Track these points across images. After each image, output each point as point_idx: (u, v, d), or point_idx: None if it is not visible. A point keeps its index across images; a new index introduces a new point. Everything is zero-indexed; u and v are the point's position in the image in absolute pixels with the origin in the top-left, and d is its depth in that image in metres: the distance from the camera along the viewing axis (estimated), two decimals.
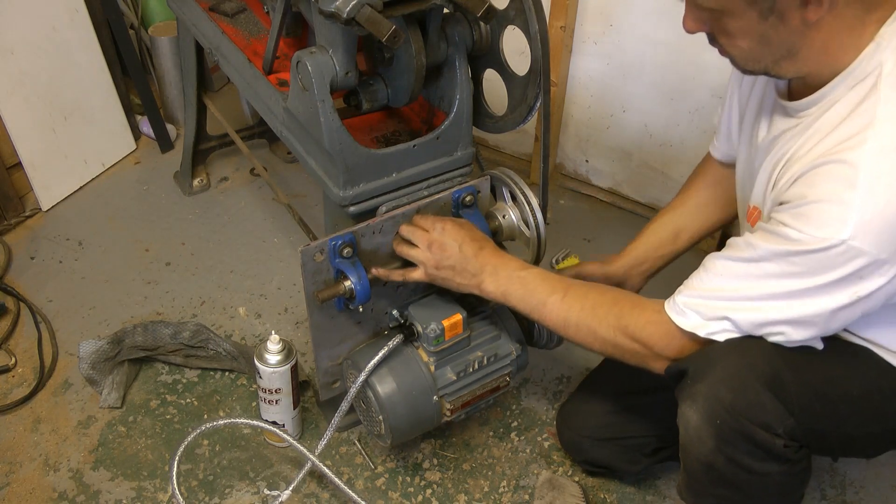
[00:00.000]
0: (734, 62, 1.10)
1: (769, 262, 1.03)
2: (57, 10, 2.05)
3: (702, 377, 1.10)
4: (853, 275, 0.98)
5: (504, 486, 1.56)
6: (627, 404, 1.45)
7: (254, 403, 1.67)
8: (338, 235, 1.30)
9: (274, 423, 1.55)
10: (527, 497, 1.54)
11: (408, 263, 1.35)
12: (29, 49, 2.01)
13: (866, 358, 1.14)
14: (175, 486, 1.39)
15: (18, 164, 2.07)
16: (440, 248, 1.30)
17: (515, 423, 1.67)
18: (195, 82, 1.99)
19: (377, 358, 1.36)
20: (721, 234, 2.02)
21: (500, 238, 1.46)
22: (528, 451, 1.62)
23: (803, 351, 1.08)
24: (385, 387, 1.37)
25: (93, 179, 2.24)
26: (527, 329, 1.53)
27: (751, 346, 1.08)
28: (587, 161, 2.24)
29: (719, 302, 1.09)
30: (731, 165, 1.41)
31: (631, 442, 1.46)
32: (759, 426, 1.07)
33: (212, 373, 1.74)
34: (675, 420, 1.21)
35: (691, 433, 1.11)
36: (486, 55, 1.40)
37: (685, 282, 1.15)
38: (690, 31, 1.08)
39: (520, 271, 1.28)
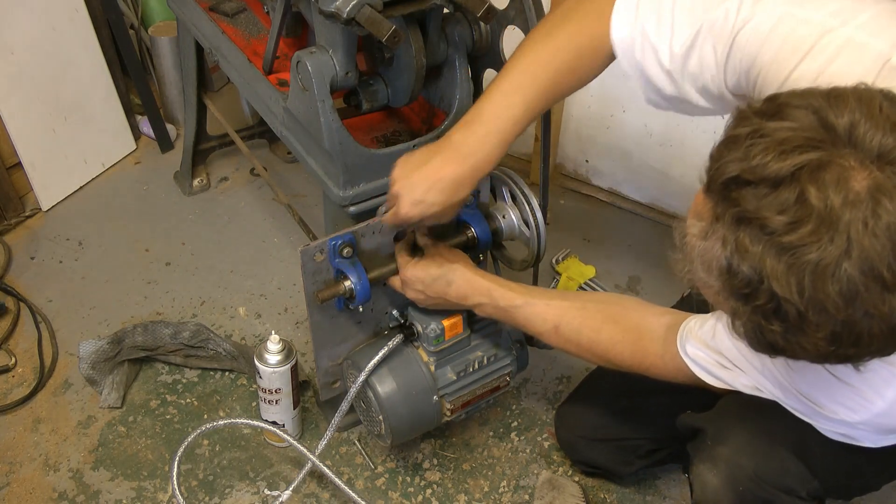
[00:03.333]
0: None
1: None
2: (57, 10, 2.05)
3: (723, 440, 1.07)
4: None
5: (504, 486, 1.56)
6: (622, 406, 1.45)
7: (254, 403, 1.67)
8: (337, 235, 1.30)
9: (274, 423, 1.55)
10: (527, 497, 1.54)
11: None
12: (29, 49, 2.01)
13: None
14: (175, 486, 1.39)
15: (18, 164, 2.07)
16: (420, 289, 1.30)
17: (515, 423, 1.67)
18: (195, 82, 1.98)
19: (377, 358, 1.36)
20: None
21: (500, 238, 1.46)
22: (528, 451, 1.62)
23: None
24: (385, 387, 1.37)
25: (93, 179, 2.24)
26: None
27: (770, 405, 1.04)
28: (587, 161, 2.24)
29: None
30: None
31: (625, 443, 1.46)
32: (782, 492, 1.05)
33: (212, 373, 1.74)
34: (665, 422, 1.21)
35: (709, 495, 1.09)
36: (486, 55, 1.40)
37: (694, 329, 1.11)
38: None
39: (502, 303, 1.26)
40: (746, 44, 0.95)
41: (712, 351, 1.08)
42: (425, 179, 1.13)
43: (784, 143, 0.74)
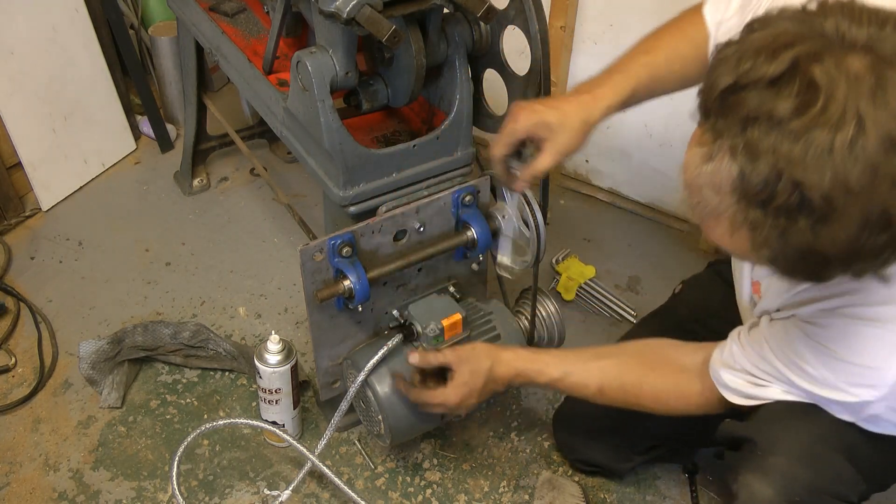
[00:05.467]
0: None
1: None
2: (57, 10, 2.05)
3: (776, 450, 1.06)
4: None
5: (504, 486, 1.56)
6: None
7: (254, 403, 1.67)
8: (337, 235, 1.30)
9: (274, 423, 1.55)
10: (527, 497, 1.54)
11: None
12: (29, 49, 2.01)
13: None
14: (175, 486, 1.39)
15: (18, 164, 2.07)
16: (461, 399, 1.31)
17: (515, 423, 1.67)
18: (195, 82, 1.98)
19: (376, 357, 1.36)
20: None
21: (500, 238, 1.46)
22: (528, 451, 1.62)
23: None
24: (385, 386, 1.37)
25: (93, 179, 2.24)
26: (527, 329, 1.53)
27: (814, 410, 1.05)
28: (587, 161, 2.24)
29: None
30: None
31: (623, 440, 1.46)
32: (836, 499, 1.05)
33: (212, 373, 1.74)
34: (663, 419, 1.21)
35: None
36: (486, 55, 1.40)
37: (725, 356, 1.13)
38: None
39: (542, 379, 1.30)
40: None
41: (741, 372, 1.09)
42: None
43: (774, 42, 0.75)
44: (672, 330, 1.35)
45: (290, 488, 1.44)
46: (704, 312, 1.44)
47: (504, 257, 1.41)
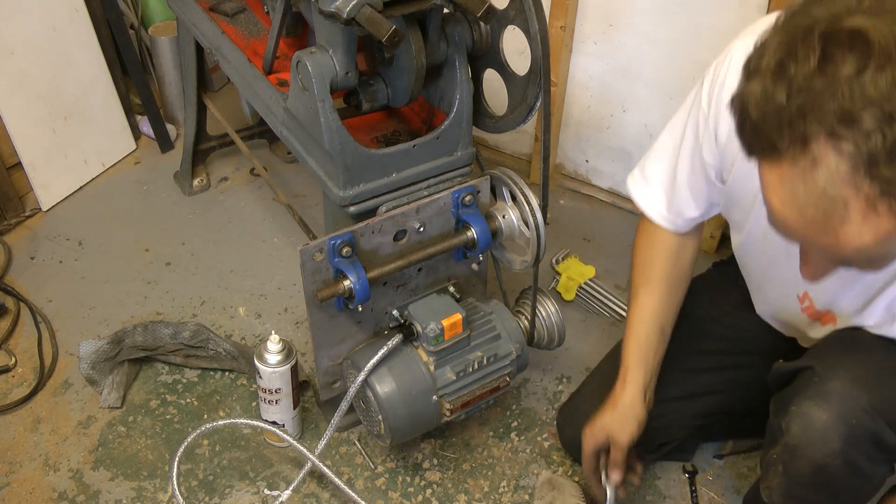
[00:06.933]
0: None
1: None
2: (57, 10, 2.05)
3: (834, 375, 1.07)
4: None
5: (504, 486, 1.56)
6: None
7: (254, 403, 1.67)
8: (337, 235, 1.30)
9: (274, 423, 1.55)
10: (527, 497, 1.54)
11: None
12: (29, 49, 2.01)
13: None
14: (175, 486, 1.39)
15: (18, 164, 2.07)
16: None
17: (515, 423, 1.67)
18: (195, 82, 1.99)
19: (376, 358, 1.36)
20: (721, 234, 2.02)
21: (500, 238, 1.46)
22: (528, 451, 1.62)
23: None
24: (384, 387, 1.37)
25: (93, 179, 2.24)
26: (527, 329, 1.53)
27: (873, 341, 1.10)
28: (587, 161, 2.24)
29: None
30: (683, 234, 1.34)
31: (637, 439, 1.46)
32: (890, 425, 1.05)
33: (212, 373, 1.74)
34: (678, 415, 1.24)
35: (812, 434, 1.07)
36: (486, 55, 1.40)
37: None
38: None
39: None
40: None
41: None
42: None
43: (791, 43, 0.75)
44: (690, 331, 1.41)
45: (291, 488, 1.44)
46: (718, 311, 1.47)
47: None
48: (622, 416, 1.33)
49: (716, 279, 1.52)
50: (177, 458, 1.40)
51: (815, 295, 1.21)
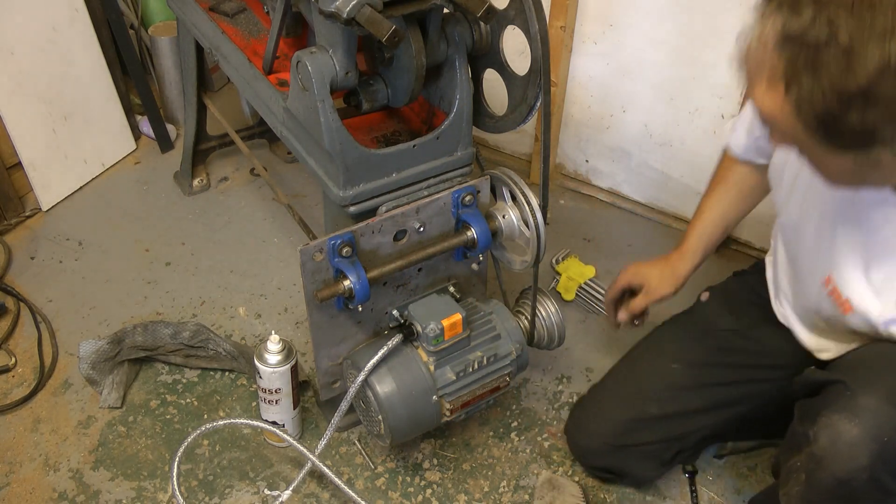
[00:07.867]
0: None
1: None
2: (57, 10, 2.05)
3: (867, 390, 1.06)
4: None
5: (504, 486, 1.56)
6: (645, 410, 1.44)
7: (254, 403, 1.67)
8: (337, 235, 1.30)
9: (274, 423, 1.55)
10: (527, 497, 1.54)
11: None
12: (29, 49, 2.01)
13: None
14: (175, 486, 1.39)
15: (18, 164, 2.07)
16: None
17: (515, 423, 1.67)
18: (195, 82, 1.99)
19: (376, 358, 1.36)
20: None
21: (499, 238, 1.46)
22: (528, 451, 1.62)
23: None
24: (384, 387, 1.37)
25: (93, 179, 2.24)
26: (527, 329, 1.53)
27: None
28: (587, 161, 2.24)
29: None
30: (751, 164, 1.46)
31: (649, 448, 1.45)
32: None
33: (212, 373, 1.74)
34: (693, 426, 1.26)
35: (841, 447, 1.06)
36: (486, 55, 1.40)
37: None
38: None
39: None
40: None
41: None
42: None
43: None
44: (714, 344, 1.46)
45: (291, 488, 1.44)
46: (741, 324, 1.47)
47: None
48: (668, 276, 1.50)
49: (737, 290, 1.52)
50: (177, 458, 1.40)
51: (837, 277, 1.20)
